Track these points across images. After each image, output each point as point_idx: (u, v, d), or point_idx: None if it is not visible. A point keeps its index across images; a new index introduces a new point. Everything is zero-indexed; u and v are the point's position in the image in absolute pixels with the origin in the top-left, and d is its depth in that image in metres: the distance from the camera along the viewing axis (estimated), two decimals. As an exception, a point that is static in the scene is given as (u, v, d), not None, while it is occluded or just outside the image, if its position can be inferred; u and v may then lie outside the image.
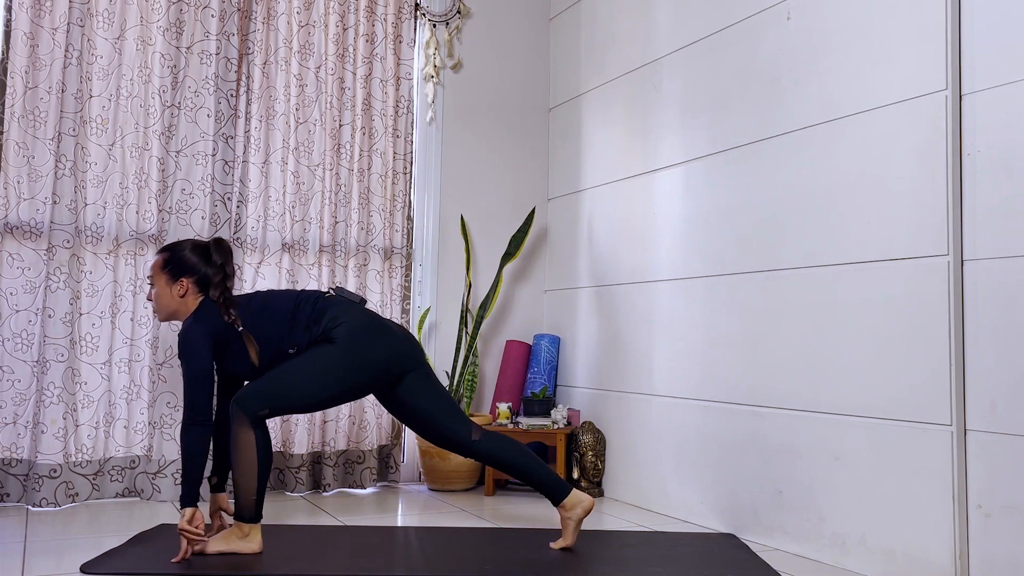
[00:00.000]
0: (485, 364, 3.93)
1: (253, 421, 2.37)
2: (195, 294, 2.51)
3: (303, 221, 3.50)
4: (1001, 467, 2.12)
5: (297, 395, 2.41)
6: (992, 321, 2.16)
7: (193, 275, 2.50)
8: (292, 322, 2.48)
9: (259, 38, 3.45)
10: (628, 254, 3.48)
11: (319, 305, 2.52)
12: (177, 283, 2.50)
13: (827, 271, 2.58)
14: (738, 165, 2.94)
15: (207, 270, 2.51)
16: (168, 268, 2.51)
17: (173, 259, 2.51)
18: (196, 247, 2.55)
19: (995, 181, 2.18)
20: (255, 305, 2.52)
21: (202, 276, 2.51)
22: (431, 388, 2.57)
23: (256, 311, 2.50)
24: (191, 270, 2.50)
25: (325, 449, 3.46)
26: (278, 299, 2.54)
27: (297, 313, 2.49)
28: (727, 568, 2.40)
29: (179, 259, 2.51)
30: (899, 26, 2.41)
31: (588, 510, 2.57)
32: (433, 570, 2.31)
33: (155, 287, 2.53)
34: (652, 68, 3.40)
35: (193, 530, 2.32)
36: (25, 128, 3.09)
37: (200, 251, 2.54)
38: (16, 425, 3.04)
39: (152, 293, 2.55)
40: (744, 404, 2.84)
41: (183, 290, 2.50)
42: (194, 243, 2.57)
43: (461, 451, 2.58)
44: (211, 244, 2.56)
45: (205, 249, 2.55)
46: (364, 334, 2.47)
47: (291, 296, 2.55)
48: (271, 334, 2.47)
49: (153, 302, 2.55)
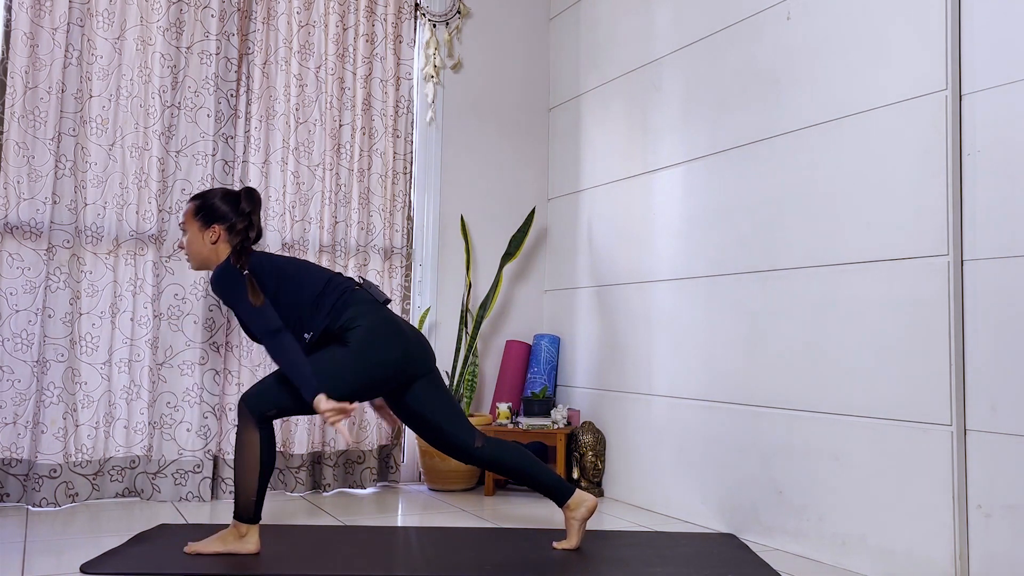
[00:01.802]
0: (485, 364, 3.93)
1: (259, 421, 2.37)
2: (226, 241, 2.54)
3: (303, 221, 3.50)
4: (1001, 467, 2.12)
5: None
6: (992, 321, 2.16)
7: (224, 222, 2.53)
8: (316, 304, 2.47)
9: (259, 38, 3.45)
10: (628, 254, 3.48)
11: (344, 297, 2.50)
12: (209, 230, 2.53)
13: (827, 271, 2.58)
14: (738, 165, 2.94)
15: (236, 218, 2.54)
16: (200, 215, 2.55)
17: (204, 206, 2.55)
18: (227, 195, 2.58)
19: (995, 181, 2.18)
20: (290, 271, 2.51)
21: (233, 224, 2.54)
22: (438, 394, 2.57)
23: (287, 277, 2.50)
24: (222, 217, 2.54)
25: (325, 449, 3.46)
26: (311, 274, 2.53)
27: (323, 297, 2.48)
28: (727, 568, 2.40)
29: (210, 206, 2.55)
30: (899, 26, 2.41)
31: (592, 510, 2.57)
32: (433, 570, 2.31)
33: (187, 234, 2.57)
34: (652, 68, 3.40)
35: (341, 406, 2.33)
36: (25, 128, 3.09)
37: (231, 199, 2.57)
38: (16, 425, 3.04)
39: (184, 241, 2.58)
40: (744, 404, 2.84)
41: (215, 236, 2.53)
42: (225, 191, 2.60)
43: (463, 458, 2.58)
44: (242, 193, 2.60)
45: (236, 198, 2.58)
46: (377, 339, 2.45)
47: (323, 277, 2.53)
48: (292, 305, 2.47)
49: (185, 249, 2.59)
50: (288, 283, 2.49)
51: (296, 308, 2.47)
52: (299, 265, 2.56)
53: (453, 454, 2.58)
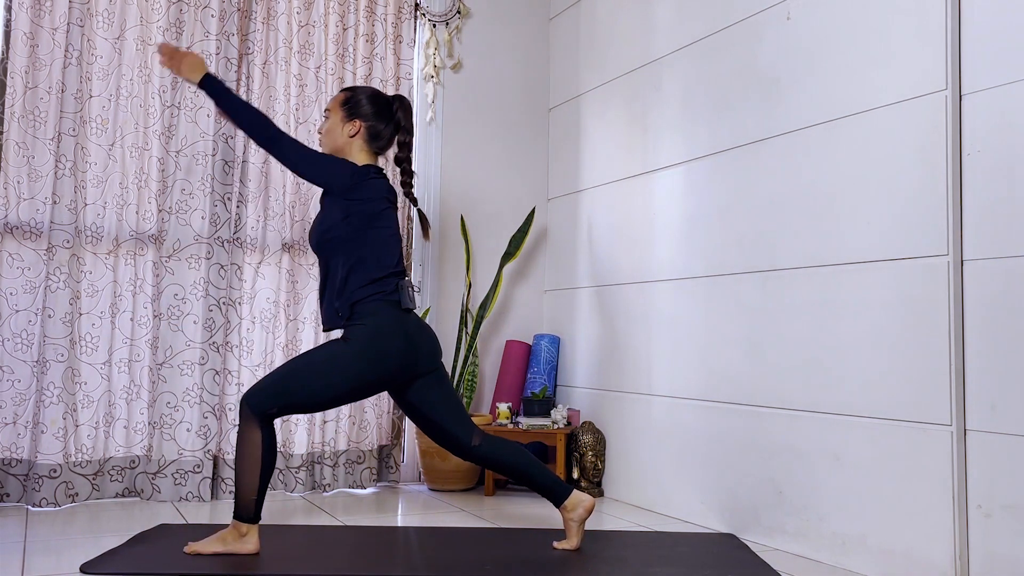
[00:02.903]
0: (485, 364, 3.93)
1: (261, 420, 2.37)
2: (363, 140, 2.57)
3: (303, 221, 3.50)
4: (1001, 467, 2.12)
5: (307, 394, 2.39)
6: (992, 321, 2.16)
7: (368, 121, 2.57)
8: (367, 278, 2.45)
9: (259, 38, 3.45)
10: (628, 254, 3.48)
11: (381, 293, 2.46)
12: (351, 122, 2.56)
13: (827, 271, 2.58)
14: (738, 165, 2.94)
15: (380, 124, 2.58)
16: (347, 106, 2.58)
17: (355, 100, 2.58)
18: (378, 97, 2.61)
19: (995, 181, 2.18)
20: (384, 235, 2.50)
21: (374, 126, 2.57)
22: (440, 392, 2.56)
23: (384, 226, 2.49)
24: (367, 116, 2.57)
25: (325, 449, 3.46)
26: (393, 251, 2.51)
27: (374, 281, 2.46)
28: (727, 568, 2.40)
29: (359, 102, 2.58)
30: (899, 26, 2.41)
31: (589, 510, 2.57)
32: (433, 570, 2.31)
33: (329, 120, 2.60)
34: (652, 68, 3.40)
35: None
36: (25, 128, 3.09)
37: (381, 103, 2.60)
38: (16, 425, 3.04)
39: (324, 127, 2.61)
40: (744, 404, 2.84)
41: (355, 130, 2.56)
42: (376, 92, 2.63)
43: (460, 454, 2.58)
44: (395, 99, 2.63)
45: (388, 104, 2.61)
46: (381, 338, 2.43)
47: (390, 263, 2.50)
48: (358, 260, 2.45)
49: (321, 135, 2.62)
50: (378, 230, 2.47)
51: (359, 265, 2.45)
52: (391, 235, 2.53)
53: (451, 450, 2.59)
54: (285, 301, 3.44)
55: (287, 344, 3.43)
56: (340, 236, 2.46)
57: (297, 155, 2.46)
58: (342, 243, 2.46)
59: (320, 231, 2.50)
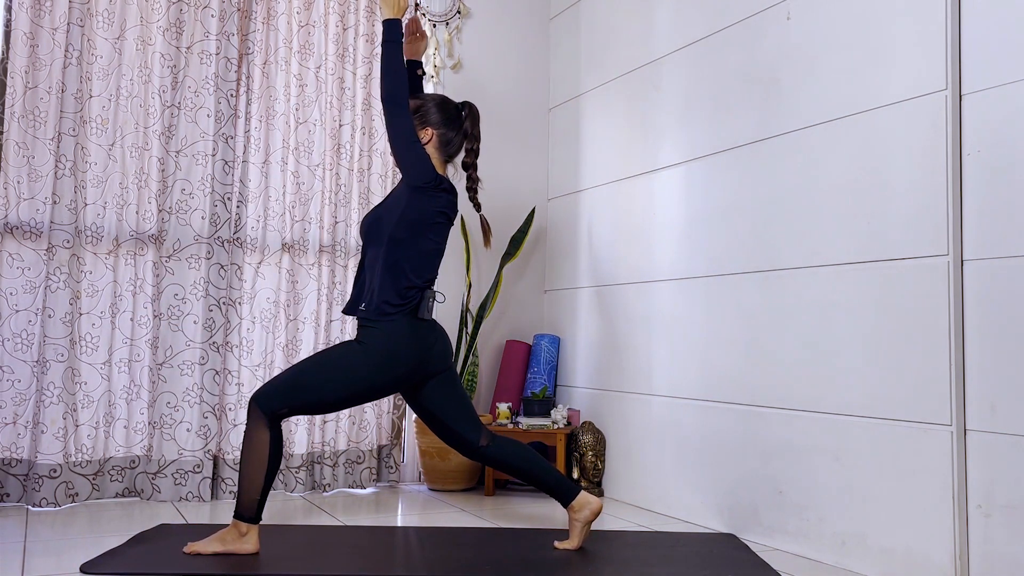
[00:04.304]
0: (485, 364, 3.93)
1: (270, 421, 2.37)
2: (435, 148, 2.58)
3: (303, 221, 3.50)
4: (1001, 467, 2.12)
5: (317, 395, 2.40)
6: (992, 321, 2.16)
7: (439, 128, 2.58)
8: (401, 285, 2.43)
9: (259, 38, 3.45)
10: (628, 254, 3.48)
11: (407, 304, 2.45)
12: (423, 130, 2.57)
13: (827, 271, 2.58)
14: (738, 165, 2.94)
15: (450, 131, 2.59)
16: (418, 114, 2.58)
17: (424, 108, 2.59)
18: (446, 104, 2.62)
19: (995, 181, 2.18)
20: (429, 247, 2.49)
21: (446, 133, 2.58)
22: (450, 392, 2.57)
23: (424, 252, 2.48)
24: (437, 124, 2.58)
25: (325, 449, 3.46)
26: (433, 263, 2.52)
27: (406, 289, 2.45)
28: (727, 568, 2.40)
29: (428, 110, 2.59)
30: (899, 26, 2.41)
31: (596, 512, 2.57)
32: (433, 570, 2.31)
33: None
34: (652, 68, 3.40)
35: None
36: (25, 128, 3.09)
37: (450, 110, 2.61)
38: (16, 425, 3.04)
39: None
40: (744, 404, 2.84)
41: (427, 138, 2.57)
42: (445, 99, 2.63)
43: (468, 454, 2.60)
44: (463, 106, 2.65)
45: (456, 111, 2.62)
46: (394, 344, 2.44)
47: (425, 276, 2.49)
48: (397, 264, 2.44)
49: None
50: (426, 241, 2.48)
51: (403, 249, 2.45)
52: (439, 251, 2.54)
53: (459, 449, 2.61)
54: (285, 301, 3.44)
55: (287, 344, 3.43)
56: (388, 234, 2.46)
57: (403, 132, 2.47)
58: (388, 241, 2.46)
59: (373, 218, 2.51)
